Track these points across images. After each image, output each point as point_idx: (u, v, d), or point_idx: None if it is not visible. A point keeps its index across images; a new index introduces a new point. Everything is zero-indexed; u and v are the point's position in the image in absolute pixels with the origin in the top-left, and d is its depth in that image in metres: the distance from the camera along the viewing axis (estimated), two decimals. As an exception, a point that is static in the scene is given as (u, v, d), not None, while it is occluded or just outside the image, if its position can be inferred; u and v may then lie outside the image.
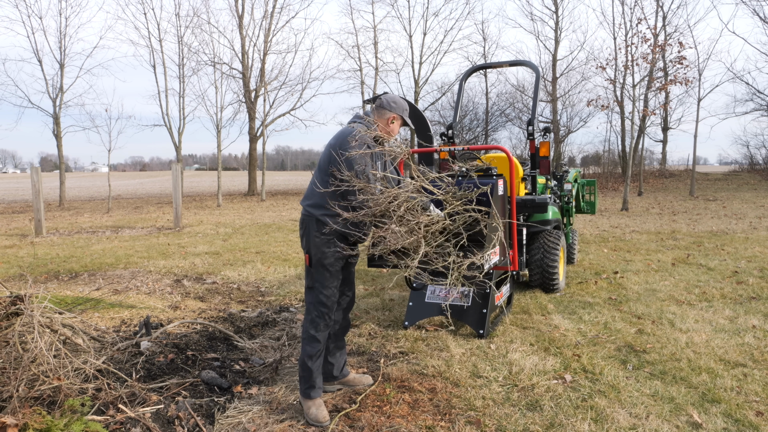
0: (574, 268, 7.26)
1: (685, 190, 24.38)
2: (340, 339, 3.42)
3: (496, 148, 5.09)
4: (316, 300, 3.11)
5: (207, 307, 5.53)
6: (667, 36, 22.91)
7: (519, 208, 5.01)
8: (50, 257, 8.94)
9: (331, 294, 3.11)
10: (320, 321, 3.10)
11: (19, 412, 2.63)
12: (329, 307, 3.12)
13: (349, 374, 3.47)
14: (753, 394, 3.22)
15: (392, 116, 3.19)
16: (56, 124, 23.01)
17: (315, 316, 3.11)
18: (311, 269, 3.11)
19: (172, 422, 2.91)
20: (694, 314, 4.92)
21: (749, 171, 31.21)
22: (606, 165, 32.23)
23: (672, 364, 3.73)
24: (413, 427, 2.89)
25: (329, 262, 3.05)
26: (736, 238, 9.68)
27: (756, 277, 6.40)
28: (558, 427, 2.87)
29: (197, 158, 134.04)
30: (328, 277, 3.09)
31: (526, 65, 6.62)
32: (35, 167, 12.50)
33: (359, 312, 5.23)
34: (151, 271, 7.51)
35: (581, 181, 8.36)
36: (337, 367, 3.40)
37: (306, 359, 3.09)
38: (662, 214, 15.06)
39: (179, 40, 25.59)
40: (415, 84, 27.99)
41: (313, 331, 3.09)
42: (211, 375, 3.52)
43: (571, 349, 4.04)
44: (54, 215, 18.38)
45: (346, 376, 3.45)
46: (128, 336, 4.22)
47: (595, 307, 5.25)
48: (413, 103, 6.32)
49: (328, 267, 3.06)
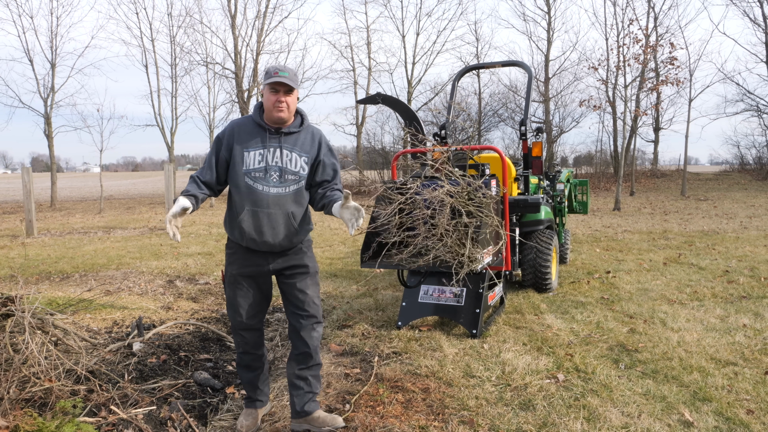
0: (566, 267, 7.29)
1: (676, 190, 24.53)
2: (302, 367, 2.88)
3: (488, 149, 5.11)
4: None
5: (200, 307, 5.51)
6: (659, 37, 23.04)
7: (511, 208, 5.03)
8: (42, 258, 8.88)
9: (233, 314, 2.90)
10: (235, 337, 2.98)
11: (9, 414, 2.61)
12: (235, 329, 2.93)
13: (314, 412, 2.89)
14: (744, 393, 3.25)
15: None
16: (47, 124, 22.85)
17: (232, 331, 2.99)
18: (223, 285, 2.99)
19: (164, 423, 2.89)
20: (686, 313, 4.95)
21: (740, 171, 31.43)
22: (598, 165, 32.36)
23: (664, 363, 3.75)
24: (406, 427, 2.89)
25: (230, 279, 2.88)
26: (727, 238, 9.75)
27: (746, 276, 6.45)
28: (551, 427, 2.88)
29: (190, 158, 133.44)
30: (231, 295, 2.90)
31: (519, 65, 6.65)
32: (26, 167, 12.42)
33: (352, 312, 5.23)
34: (143, 271, 7.47)
35: (574, 181, 8.40)
36: (298, 402, 2.87)
37: (237, 366, 3.08)
38: (654, 214, 15.15)
39: (171, 39, 25.56)
40: (408, 84, 28.05)
41: (236, 347, 3.02)
42: (203, 376, 3.51)
43: (563, 349, 4.06)
44: (45, 216, 18.25)
45: (310, 414, 2.88)
46: (120, 337, 4.20)
47: (587, 306, 5.28)
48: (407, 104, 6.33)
49: (229, 284, 2.90)
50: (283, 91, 2.68)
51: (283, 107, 2.69)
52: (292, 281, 2.86)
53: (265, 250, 2.78)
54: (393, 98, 6.00)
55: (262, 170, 2.71)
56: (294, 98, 2.74)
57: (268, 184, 2.71)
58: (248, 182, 2.71)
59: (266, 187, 2.71)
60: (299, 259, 2.88)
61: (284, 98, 2.69)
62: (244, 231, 2.72)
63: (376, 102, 6.03)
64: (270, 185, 2.72)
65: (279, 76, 2.65)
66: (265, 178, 2.71)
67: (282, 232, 2.75)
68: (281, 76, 2.65)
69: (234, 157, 2.74)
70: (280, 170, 2.73)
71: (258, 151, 2.72)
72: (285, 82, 2.65)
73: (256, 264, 2.82)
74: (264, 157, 2.72)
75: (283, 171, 2.73)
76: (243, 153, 2.72)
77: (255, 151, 2.72)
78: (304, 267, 2.89)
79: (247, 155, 2.72)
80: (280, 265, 2.83)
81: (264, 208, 2.71)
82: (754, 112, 28.55)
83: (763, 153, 30.46)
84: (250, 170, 2.71)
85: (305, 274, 2.89)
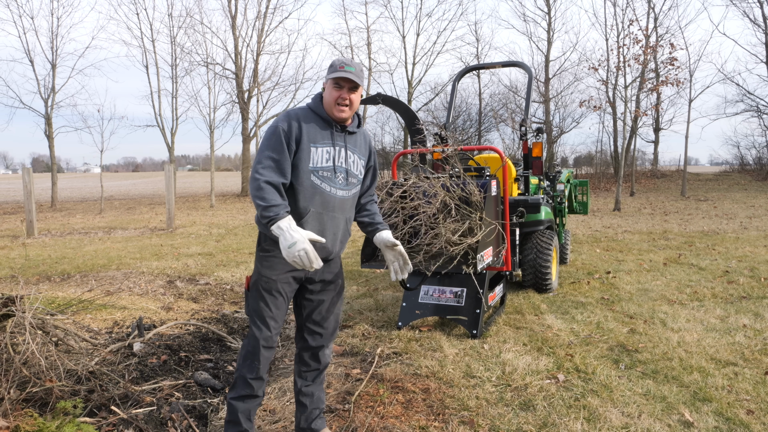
0: (566, 268, 7.30)
1: (676, 191, 24.54)
2: (309, 384, 2.70)
3: (489, 149, 5.12)
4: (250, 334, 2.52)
5: (200, 308, 5.52)
6: (659, 37, 23.06)
7: (512, 209, 5.04)
8: (42, 258, 8.88)
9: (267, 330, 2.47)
10: (252, 360, 2.47)
11: (10, 415, 2.61)
12: (257, 349, 2.47)
13: (320, 430, 2.73)
14: (744, 393, 3.25)
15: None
16: (48, 124, 22.87)
17: (247, 353, 2.49)
18: (247, 292, 2.56)
19: (165, 424, 2.90)
20: (686, 314, 4.95)
21: (740, 171, 31.45)
22: (598, 165, 32.39)
23: (664, 363, 3.75)
24: (407, 427, 2.89)
25: (267, 286, 2.47)
26: (727, 238, 9.75)
27: (746, 276, 6.45)
28: (551, 427, 2.89)
29: (190, 159, 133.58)
30: (263, 306, 2.47)
31: (519, 66, 6.65)
32: (27, 168, 12.42)
33: (353, 312, 5.24)
34: (143, 272, 7.48)
35: (574, 182, 8.40)
36: (305, 419, 2.69)
37: (230, 399, 2.53)
38: (654, 215, 15.15)
39: (172, 40, 25.55)
40: (408, 85, 28.06)
41: (245, 371, 2.49)
42: (204, 376, 3.51)
43: (563, 349, 4.06)
44: (46, 216, 18.26)
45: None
46: (121, 337, 4.20)
47: (587, 307, 5.28)
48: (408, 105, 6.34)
49: (265, 291, 2.47)
50: (348, 87, 2.43)
51: (347, 106, 2.45)
52: (320, 297, 2.59)
53: (321, 257, 2.42)
54: (393, 98, 6.01)
55: (330, 170, 2.46)
56: (358, 96, 2.49)
57: (335, 185, 2.48)
58: (315, 181, 2.43)
59: (333, 188, 2.47)
60: (335, 272, 2.63)
61: (348, 95, 2.44)
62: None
63: (377, 102, 6.04)
64: (337, 187, 2.48)
65: (345, 71, 2.40)
66: (332, 178, 2.47)
67: (339, 238, 2.54)
68: (347, 71, 2.40)
69: (301, 151, 2.40)
70: (346, 172, 2.51)
71: (326, 149, 2.46)
72: (351, 78, 2.40)
73: (297, 270, 2.48)
74: (331, 156, 2.46)
75: (348, 173, 2.52)
76: (310, 148, 2.42)
77: (323, 148, 2.45)
78: (337, 282, 2.65)
79: (314, 151, 2.42)
80: (318, 275, 2.55)
81: (330, 212, 2.47)
82: (754, 113, 28.59)
83: (763, 153, 30.50)
84: (317, 168, 2.42)
85: (336, 291, 2.65)
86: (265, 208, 2.24)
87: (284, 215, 2.24)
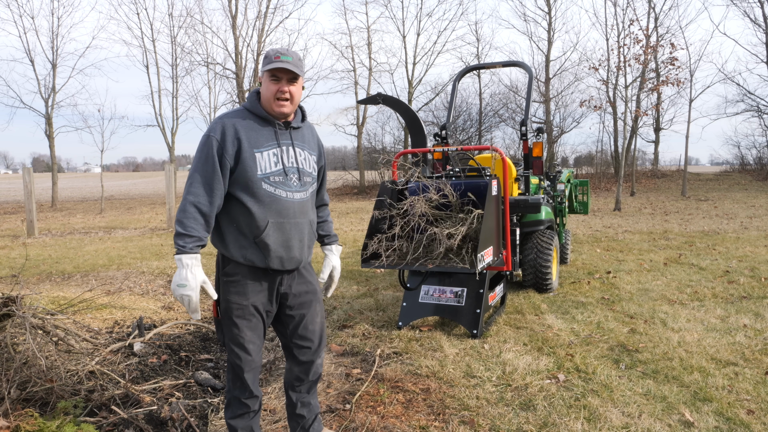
0: (567, 268, 7.29)
1: (676, 191, 24.52)
2: (304, 395, 2.56)
3: (489, 149, 5.11)
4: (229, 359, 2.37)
5: (200, 308, 5.52)
6: (659, 37, 23.04)
7: (512, 209, 5.04)
8: (42, 258, 8.88)
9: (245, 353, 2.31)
10: (240, 382, 2.35)
11: (11, 415, 2.61)
12: (240, 374, 2.32)
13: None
14: (744, 393, 3.25)
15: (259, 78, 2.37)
16: (48, 124, 22.89)
17: (234, 376, 2.36)
18: (217, 320, 2.37)
19: (165, 423, 2.90)
20: (686, 314, 4.95)
21: (740, 171, 31.41)
22: (599, 165, 32.35)
23: (664, 363, 3.75)
24: (407, 427, 2.89)
25: (240, 313, 2.28)
26: (728, 238, 9.75)
27: (747, 276, 6.45)
28: (551, 427, 2.89)
29: (190, 159, 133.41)
30: (237, 334, 2.29)
31: (519, 66, 6.65)
32: (27, 168, 12.43)
33: (353, 312, 5.24)
34: (144, 272, 7.48)
35: (574, 182, 8.40)
36: (302, 426, 2.57)
37: (228, 420, 2.42)
38: (654, 214, 15.15)
39: (172, 40, 25.57)
40: (408, 84, 28.06)
41: (237, 393, 2.38)
42: (204, 376, 3.51)
43: (564, 349, 4.06)
44: (46, 216, 18.27)
45: None
46: (121, 337, 4.20)
47: (588, 306, 5.28)
48: (408, 104, 6.34)
49: (237, 318, 2.28)
50: (287, 79, 2.21)
51: (287, 99, 2.23)
52: (300, 311, 2.42)
53: (290, 268, 2.32)
54: (393, 98, 6.00)
55: (281, 173, 2.24)
56: (299, 88, 2.27)
57: (290, 189, 2.27)
58: (267, 189, 2.21)
59: (289, 193, 2.26)
60: (307, 280, 2.45)
61: (287, 87, 2.21)
62: (269, 249, 2.22)
63: (377, 102, 6.04)
64: (293, 190, 2.28)
65: (281, 61, 2.17)
66: (285, 182, 2.25)
67: (306, 243, 2.36)
68: (284, 61, 2.17)
69: (244, 160, 2.17)
70: (298, 172, 2.31)
71: (272, 151, 2.24)
72: (288, 68, 2.18)
73: (269, 287, 2.32)
74: (279, 157, 2.25)
75: (301, 173, 2.32)
76: (255, 154, 2.20)
77: (268, 151, 2.23)
78: (312, 291, 2.46)
79: (260, 156, 2.20)
80: (290, 287, 2.38)
81: (291, 218, 2.26)
82: (755, 113, 28.57)
83: (763, 153, 30.46)
84: (267, 174, 2.21)
85: (314, 301, 2.47)
86: (179, 235, 2.11)
87: (193, 251, 2.10)
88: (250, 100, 2.30)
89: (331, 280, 2.63)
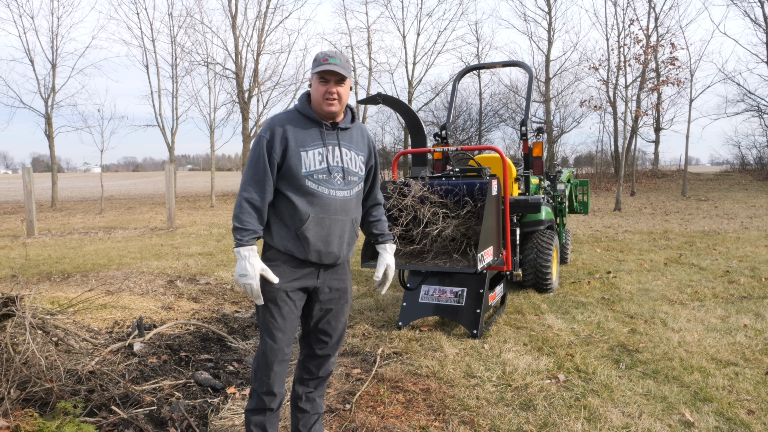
0: (567, 268, 7.29)
1: (677, 191, 24.53)
2: (311, 390, 2.62)
3: (489, 149, 5.11)
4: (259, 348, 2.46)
5: (200, 308, 5.52)
6: (659, 37, 23.04)
7: (512, 209, 5.04)
8: (42, 258, 8.88)
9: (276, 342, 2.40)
10: (261, 374, 2.42)
11: (10, 415, 2.61)
12: (269, 363, 2.40)
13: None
14: (744, 393, 3.24)
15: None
16: (48, 124, 22.89)
17: (258, 366, 2.44)
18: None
19: (165, 423, 2.89)
20: (686, 314, 4.95)
21: (740, 171, 31.44)
22: (599, 165, 32.38)
23: (664, 363, 3.75)
24: (407, 427, 2.89)
25: (271, 296, 2.38)
26: (728, 238, 9.75)
27: (747, 276, 6.45)
28: (551, 427, 2.88)
29: (190, 159, 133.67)
30: (269, 318, 2.39)
31: (520, 66, 6.65)
32: (27, 168, 12.44)
33: (353, 312, 5.24)
34: (144, 272, 7.48)
35: (574, 182, 8.40)
36: (303, 425, 2.62)
37: (246, 410, 2.50)
38: (654, 214, 15.15)
39: (172, 40, 25.54)
40: (408, 84, 28.05)
41: (255, 385, 2.45)
42: (204, 376, 3.51)
43: (564, 349, 4.06)
44: (46, 216, 18.27)
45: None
46: (121, 337, 4.20)
47: (588, 306, 5.27)
48: (408, 104, 6.34)
49: (269, 301, 2.38)
50: (335, 80, 2.32)
51: (335, 100, 2.33)
52: (328, 306, 2.50)
53: (328, 263, 2.41)
54: (393, 98, 6.01)
55: (325, 171, 2.35)
56: (347, 89, 2.38)
57: (333, 187, 2.36)
58: (311, 186, 2.32)
59: (332, 190, 2.36)
60: (343, 279, 2.54)
61: (335, 89, 2.32)
62: (308, 242, 2.33)
63: (377, 102, 6.05)
64: (336, 188, 2.37)
65: (329, 64, 2.28)
66: (329, 180, 2.35)
67: (346, 241, 2.45)
68: (332, 63, 2.28)
69: (290, 158, 2.30)
70: (343, 171, 2.39)
71: (317, 150, 2.35)
72: (336, 71, 2.29)
73: (307, 276, 2.41)
74: (324, 156, 2.35)
75: (346, 172, 2.40)
76: (300, 153, 2.32)
77: (313, 150, 2.34)
78: (344, 289, 2.54)
79: (305, 155, 2.32)
80: (326, 282, 2.47)
81: (331, 215, 2.36)
82: (755, 113, 28.60)
83: (763, 153, 30.49)
84: (311, 172, 2.32)
85: (342, 299, 2.54)
86: (237, 229, 2.28)
87: (250, 243, 2.26)
88: (300, 102, 2.44)
89: (385, 277, 2.65)
